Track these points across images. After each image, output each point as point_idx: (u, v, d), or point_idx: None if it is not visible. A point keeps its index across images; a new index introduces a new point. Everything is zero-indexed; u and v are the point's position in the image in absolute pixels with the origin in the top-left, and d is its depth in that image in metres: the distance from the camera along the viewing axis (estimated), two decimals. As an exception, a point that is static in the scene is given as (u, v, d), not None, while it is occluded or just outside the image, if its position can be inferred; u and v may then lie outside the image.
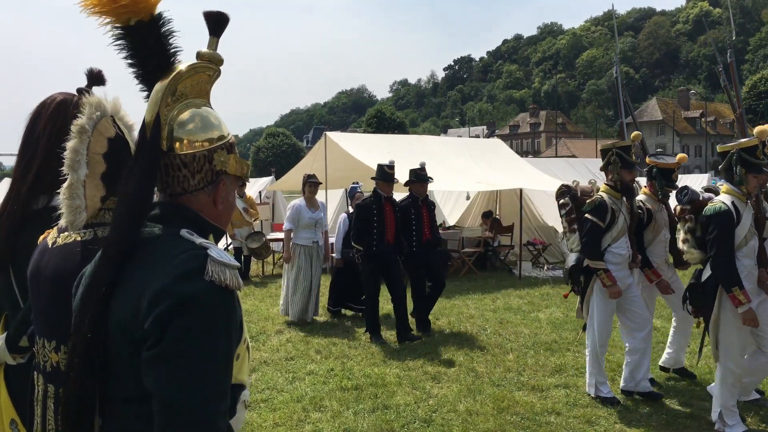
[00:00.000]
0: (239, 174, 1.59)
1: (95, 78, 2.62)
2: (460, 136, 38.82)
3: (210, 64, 1.56)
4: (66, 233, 2.07)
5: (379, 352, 6.61)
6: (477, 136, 58.56)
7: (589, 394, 5.20)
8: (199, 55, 1.55)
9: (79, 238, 2.03)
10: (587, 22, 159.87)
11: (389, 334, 7.28)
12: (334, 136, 12.34)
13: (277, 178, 15.85)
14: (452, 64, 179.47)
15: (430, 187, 11.79)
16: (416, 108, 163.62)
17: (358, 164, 10.99)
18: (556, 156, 48.46)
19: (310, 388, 5.47)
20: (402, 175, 10.96)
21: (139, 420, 1.41)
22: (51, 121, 2.43)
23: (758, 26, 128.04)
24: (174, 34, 1.54)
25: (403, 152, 12.28)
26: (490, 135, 77.70)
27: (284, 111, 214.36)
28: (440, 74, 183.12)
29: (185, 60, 1.55)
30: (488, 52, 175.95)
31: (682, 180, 26.39)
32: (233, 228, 11.06)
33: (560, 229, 13.24)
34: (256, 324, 7.91)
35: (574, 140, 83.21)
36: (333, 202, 13.16)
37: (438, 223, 13.67)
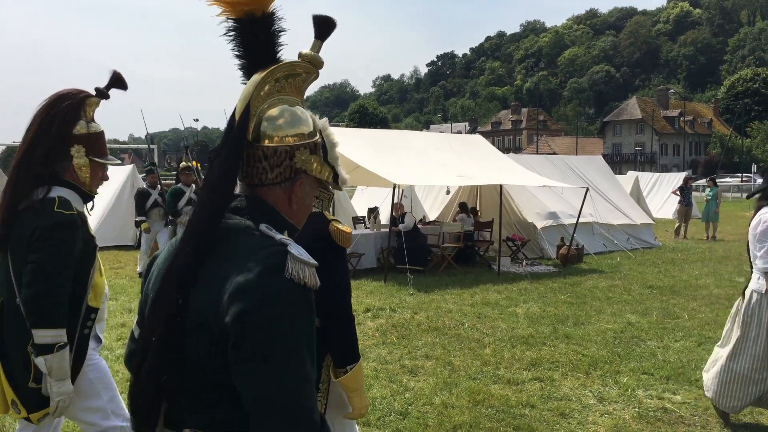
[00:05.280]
0: (319, 177, 1.61)
1: (116, 81, 2.78)
2: (443, 132, 38.90)
3: (309, 65, 1.59)
4: None
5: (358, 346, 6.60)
6: (459, 132, 58.65)
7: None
8: (300, 56, 1.58)
9: None
10: (569, 21, 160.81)
11: (373, 326, 7.29)
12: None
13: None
14: (435, 60, 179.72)
15: (412, 181, 11.89)
16: (399, 103, 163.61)
17: (340, 158, 10.93)
18: (537, 153, 48.74)
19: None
20: (386, 170, 10.99)
21: (211, 407, 1.44)
22: (45, 111, 2.56)
23: (737, 27, 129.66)
24: (283, 31, 1.58)
25: (385, 147, 12.29)
26: (472, 131, 77.92)
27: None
28: (423, 70, 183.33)
29: (288, 57, 1.59)
30: (471, 49, 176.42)
31: (659, 178, 26.65)
32: None
33: (539, 225, 13.48)
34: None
35: (555, 137, 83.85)
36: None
37: (419, 218, 13.77)
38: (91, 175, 2.72)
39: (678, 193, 18.35)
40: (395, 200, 11.24)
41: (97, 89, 2.72)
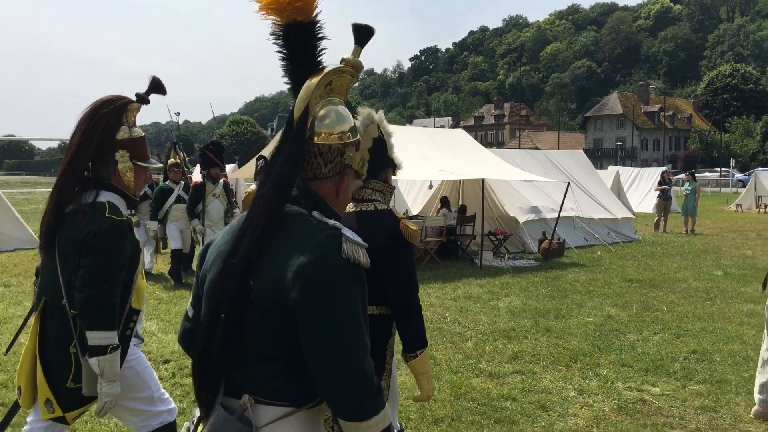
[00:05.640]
0: (360, 170, 1.86)
1: (156, 86, 2.88)
2: (426, 127, 38.92)
3: (352, 70, 1.76)
4: (351, 204, 2.87)
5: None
6: (442, 127, 58.71)
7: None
8: (344, 61, 1.75)
9: (363, 209, 2.93)
10: (551, 16, 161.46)
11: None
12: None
13: (240, 166, 15.70)
14: (418, 54, 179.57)
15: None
16: (382, 98, 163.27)
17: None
18: (520, 147, 48.98)
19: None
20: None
21: (268, 375, 1.60)
22: (88, 117, 2.63)
23: (716, 23, 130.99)
24: (324, 38, 1.74)
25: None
26: (455, 126, 78.03)
27: (249, 98, 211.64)
28: (406, 64, 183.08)
29: (330, 62, 1.76)
30: (454, 44, 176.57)
31: (639, 173, 26.89)
32: None
33: (521, 219, 13.56)
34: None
35: (537, 132, 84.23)
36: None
37: (401, 212, 13.75)
38: (135, 179, 2.82)
39: (659, 188, 18.54)
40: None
41: (137, 95, 2.81)
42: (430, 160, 12.09)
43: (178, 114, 57.27)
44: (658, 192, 18.52)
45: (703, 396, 5.05)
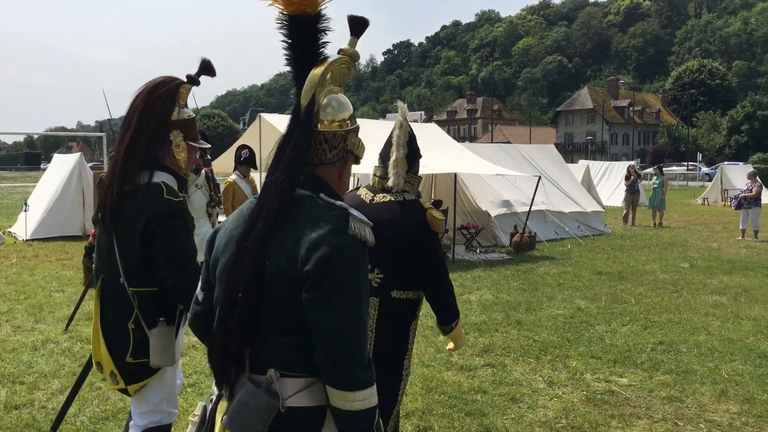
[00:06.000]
0: (360, 155, 1.91)
1: (206, 68, 2.93)
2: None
3: (351, 60, 1.85)
4: (381, 194, 3.15)
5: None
6: (415, 121, 58.72)
7: None
8: (342, 51, 1.84)
9: (393, 199, 3.14)
10: (523, 11, 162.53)
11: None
12: (269, 117, 12.11)
13: (212, 160, 15.50)
14: (391, 48, 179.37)
15: (367, 170, 11.79)
16: (355, 92, 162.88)
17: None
18: (492, 142, 49.29)
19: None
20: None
21: (289, 348, 1.70)
22: (144, 98, 2.68)
23: (684, 19, 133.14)
24: (329, 30, 1.82)
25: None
26: (428, 120, 78.20)
27: (220, 92, 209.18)
28: (379, 58, 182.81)
29: (330, 53, 1.84)
30: (427, 38, 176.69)
31: (609, 167, 27.23)
32: None
33: (493, 213, 13.64)
34: (185, 308, 7.74)
35: (509, 126, 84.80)
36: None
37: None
38: (187, 158, 2.86)
39: (627, 183, 18.80)
40: (350, 189, 11.20)
41: (188, 76, 2.86)
42: None
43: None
44: (625, 185, 18.81)
45: (669, 386, 5.14)
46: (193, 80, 2.87)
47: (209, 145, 3.09)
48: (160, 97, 2.69)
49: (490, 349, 6.09)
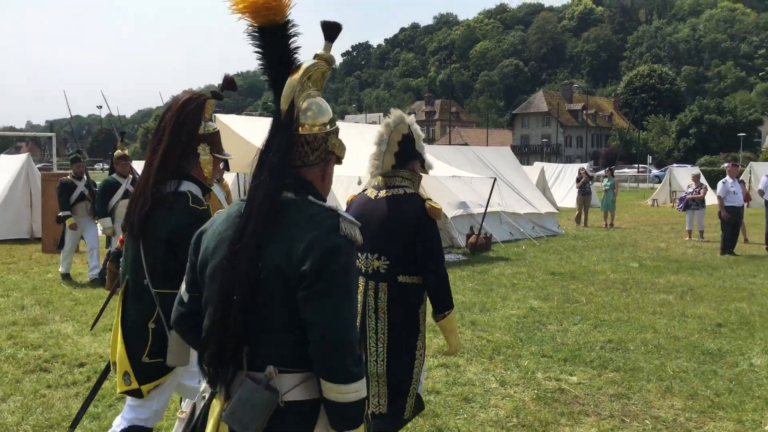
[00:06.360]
0: (341, 155, 1.98)
1: (229, 84, 3.12)
2: (357, 123, 38.92)
3: (327, 64, 1.92)
4: (385, 190, 3.44)
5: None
6: (374, 123, 58.85)
7: None
8: (317, 56, 1.92)
9: (395, 193, 3.42)
10: (481, 15, 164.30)
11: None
12: (225, 118, 11.93)
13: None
14: (350, 50, 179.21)
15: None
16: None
17: (253, 149, 10.69)
18: (450, 143, 49.68)
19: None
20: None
21: (285, 345, 1.78)
22: (175, 114, 2.84)
23: (636, 25, 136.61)
24: (298, 36, 1.89)
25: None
26: (386, 122, 78.20)
27: (176, 91, 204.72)
28: (338, 60, 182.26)
29: (305, 59, 1.91)
30: (386, 40, 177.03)
31: (563, 169, 27.74)
32: None
33: (449, 215, 13.74)
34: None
35: (467, 129, 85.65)
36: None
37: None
38: (212, 170, 3.04)
39: (578, 184, 19.20)
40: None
41: (213, 92, 3.05)
42: (360, 156, 12.06)
43: (100, 107, 55.02)
44: (577, 188, 19.21)
45: (616, 383, 5.26)
46: (217, 95, 3.05)
47: (231, 156, 3.24)
48: (189, 114, 2.86)
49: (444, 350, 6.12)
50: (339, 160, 1.99)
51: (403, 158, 3.50)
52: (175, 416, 3.49)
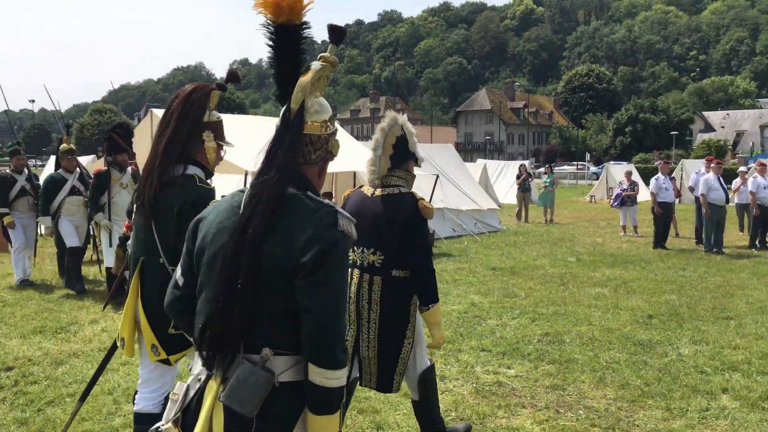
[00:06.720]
0: (336, 154, 2.10)
1: (232, 76, 3.32)
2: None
3: (331, 66, 2.03)
4: (381, 189, 3.63)
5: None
6: (318, 119, 58.36)
7: None
8: (323, 58, 2.01)
9: (390, 192, 3.62)
10: (425, 12, 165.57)
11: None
12: (161, 113, 11.66)
13: (100, 157, 14.74)
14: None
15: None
16: (258, 89, 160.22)
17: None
18: (394, 141, 49.75)
19: (123, 379, 5.16)
20: (239, 157, 10.64)
21: (280, 329, 1.90)
22: (181, 102, 3.01)
23: (575, 25, 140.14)
24: (310, 35, 1.99)
25: (242, 133, 11.91)
26: (331, 118, 77.97)
27: (113, 86, 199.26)
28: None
29: (311, 61, 2.01)
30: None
31: (505, 166, 28.22)
32: None
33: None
34: (67, 314, 7.31)
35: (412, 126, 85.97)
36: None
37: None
38: (215, 156, 3.21)
39: (518, 181, 19.59)
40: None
41: (217, 83, 3.21)
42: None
43: (33, 101, 52.87)
44: (518, 184, 19.60)
45: (552, 375, 5.39)
46: (221, 87, 3.22)
47: (233, 145, 3.35)
48: (195, 102, 3.04)
49: (386, 346, 6.14)
50: (333, 158, 2.12)
51: (397, 159, 3.69)
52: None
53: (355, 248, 3.65)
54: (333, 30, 2.00)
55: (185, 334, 2.21)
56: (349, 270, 3.56)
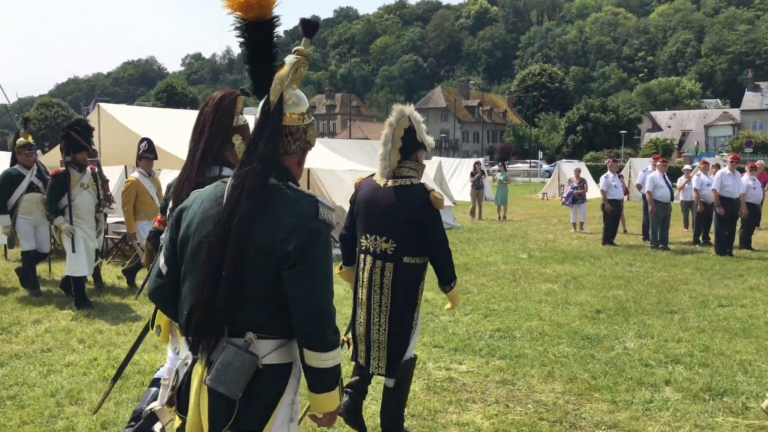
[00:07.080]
0: (313, 144, 2.19)
1: (309, 25, 3.30)
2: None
3: (306, 60, 2.11)
4: (393, 180, 3.85)
5: (151, 338, 6.26)
6: (273, 116, 57.82)
7: None
8: (298, 52, 2.11)
9: (402, 183, 3.84)
10: (380, 10, 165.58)
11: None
12: (109, 108, 11.38)
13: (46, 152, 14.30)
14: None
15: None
16: (211, 84, 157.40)
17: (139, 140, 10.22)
18: (351, 138, 49.75)
19: (67, 380, 5.01)
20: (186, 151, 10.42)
21: (264, 314, 2.00)
22: (213, 109, 3.16)
23: (528, 25, 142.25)
24: (277, 34, 2.10)
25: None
26: (286, 115, 77.28)
27: (61, 79, 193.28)
28: (237, 50, 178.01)
29: (286, 54, 2.12)
30: (286, 32, 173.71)
31: (460, 163, 28.44)
32: (145, 217, 8.25)
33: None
34: (9, 314, 7.06)
35: (368, 123, 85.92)
36: (112, 180, 12.12)
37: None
38: None
39: (472, 179, 19.80)
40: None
41: (242, 90, 3.33)
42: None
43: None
44: (471, 182, 19.81)
45: (503, 370, 5.46)
46: (245, 93, 3.33)
47: None
48: (225, 108, 3.18)
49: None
50: (311, 148, 2.21)
51: (407, 151, 3.85)
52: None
53: (368, 236, 3.89)
54: (305, 24, 2.08)
55: (171, 320, 2.35)
56: (363, 256, 3.92)
